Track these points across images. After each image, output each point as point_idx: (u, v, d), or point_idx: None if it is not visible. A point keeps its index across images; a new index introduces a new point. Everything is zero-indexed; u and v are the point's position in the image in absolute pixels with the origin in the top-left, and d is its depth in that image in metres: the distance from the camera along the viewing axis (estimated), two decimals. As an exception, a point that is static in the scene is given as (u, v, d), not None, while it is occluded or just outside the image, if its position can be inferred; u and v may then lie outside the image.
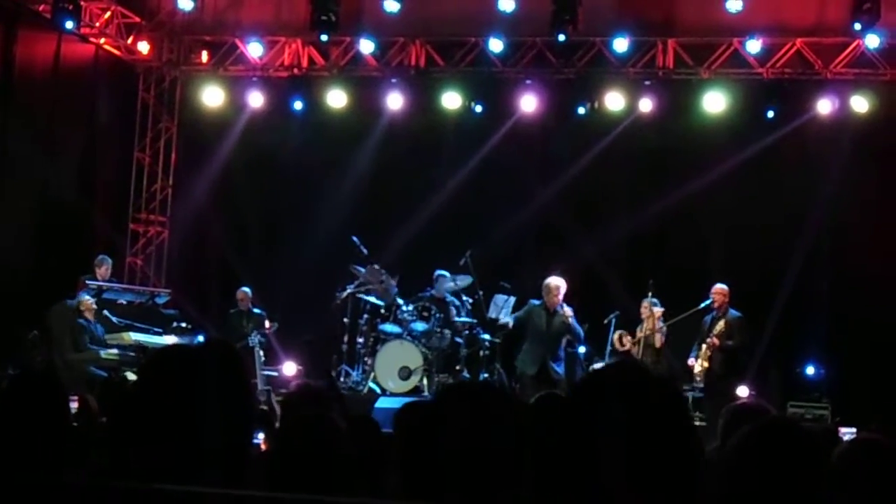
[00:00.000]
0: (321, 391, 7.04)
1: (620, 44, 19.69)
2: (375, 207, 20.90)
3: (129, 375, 16.92)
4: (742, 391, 16.77)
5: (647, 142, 20.03)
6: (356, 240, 19.07)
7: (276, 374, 18.81)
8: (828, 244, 19.10)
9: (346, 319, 18.97)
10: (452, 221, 20.24)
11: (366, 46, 20.73)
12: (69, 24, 18.96)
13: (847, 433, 14.90)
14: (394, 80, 21.00)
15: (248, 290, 19.51)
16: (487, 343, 18.39)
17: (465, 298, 18.77)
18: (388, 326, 18.52)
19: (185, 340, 17.73)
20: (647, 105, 19.94)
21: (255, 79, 21.52)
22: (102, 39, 21.01)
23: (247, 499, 2.95)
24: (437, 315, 18.42)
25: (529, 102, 20.44)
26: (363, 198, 21.02)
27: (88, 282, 18.34)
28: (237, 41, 21.46)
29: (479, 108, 20.71)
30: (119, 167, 21.96)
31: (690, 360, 17.01)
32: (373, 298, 18.92)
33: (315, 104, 21.16)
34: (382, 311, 18.80)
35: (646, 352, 17.27)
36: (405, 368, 17.87)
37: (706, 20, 19.54)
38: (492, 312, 18.62)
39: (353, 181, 21.10)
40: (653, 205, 19.62)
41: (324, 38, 19.80)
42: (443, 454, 3.05)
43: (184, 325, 18.84)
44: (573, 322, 16.98)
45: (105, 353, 17.50)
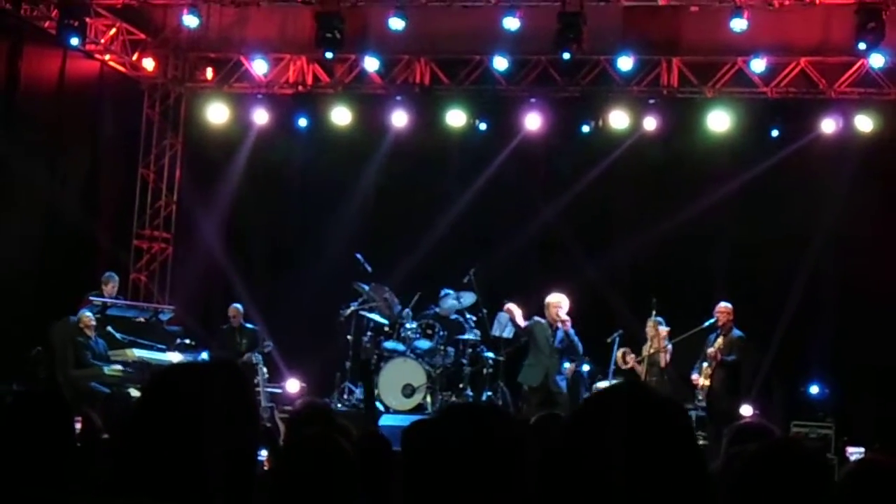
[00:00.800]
0: (326, 409, 7.03)
1: (625, 62, 19.69)
2: (379, 225, 20.92)
3: (133, 392, 16.92)
4: (746, 410, 16.75)
5: (652, 160, 20.02)
6: (360, 257, 19.09)
7: (280, 391, 18.80)
8: (832, 263, 19.06)
9: (350, 337, 18.95)
10: (457, 239, 20.25)
11: (370, 64, 20.76)
12: (74, 41, 18.98)
13: (854, 453, 14.92)
14: (398, 98, 21.02)
15: (240, 307, 19.50)
16: (491, 361, 18.37)
17: (469, 316, 18.76)
18: (392, 344, 18.51)
19: (189, 357, 17.72)
20: (652, 123, 19.94)
21: (260, 96, 21.54)
22: (107, 56, 21.04)
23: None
24: (441, 333, 18.41)
25: (534, 120, 20.45)
26: (367, 215, 21.05)
27: (93, 298, 18.34)
28: (242, 58, 21.50)
29: (484, 126, 20.72)
30: (123, 184, 21.97)
31: (694, 376, 17.00)
32: (376, 316, 18.91)
33: (320, 121, 21.18)
34: (386, 329, 18.80)
35: (650, 370, 17.23)
36: (409, 386, 17.86)
37: (710, 39, 19.55)
38: (495, 330, 18.60)
39: (358, 198, 21.12)
40: (657, 223, 19.61)
41: (329, 56, 19.80)
42: (446, 474, 3.05)
43: (187, 342, 18.85)
44: (572, 333, 17.00)
45: (108, 370, 17.48)
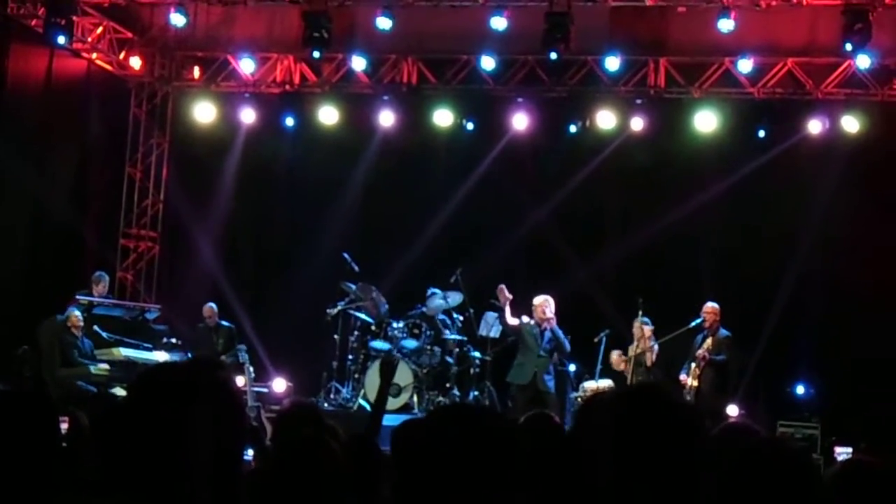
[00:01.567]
0: (314, 409, 7.01)
1: (612, 62, 19.71)
2: (367, 224, 20.92)
3: (118, 391, 16.90)
4: (732, 410, 16.77)
5: (639, 160, 20.03)
6: (347, 256, 19.09)
7: (266, 391, 18.79)
8: (818, 263, 19.09)
9: (337, 336, 18.95)
10: (444, 239, 20.26)
11: (358, 63, 20.75)
12: (61, 40, 18.94)
13: (842, 453, 14.95)
14: (386, 97, 21.00)
15: (214, 306, 19.52)
16: (478, 361, 18.38)
17: (456, 316, 18.77)
18: (379, 343, 18.50)
19: (175, 356, 17.70)
20: (639, 124, 19.96)
21: (247, 95, 21.50)
22: (94, 55, 21.00)
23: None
24: (428, 332, 18.43)
25: (521, 120, 20.46)
26: (354, 214, 21.04)
27: (80, 297, 18.31)
28: (229, 57, 21.47)
29: (471, 126, 20.73)
30: (110, 182, 21.92)
31: (682, 376, 17.02)
32: (363, 315, 18.91)
33: (307, 120, 21.17)
34: (373, 328, 18.80)
35: (637, 370, 17.27)
36: (395, 385, 17.82)
37: (698, 39, 19.57)
38: (482, 330, 18.63)
39: (345, 198, 21.10)
40: (644, 223, 19.64)
41: (316, 55, 19.78)
42: (436, 474, 3.05)
43: (173, 341, 18.82)
44: (558, 332, 17.03)
45: (95, 369, 17.45)
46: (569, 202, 20.17)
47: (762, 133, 19.50)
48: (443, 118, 20.68)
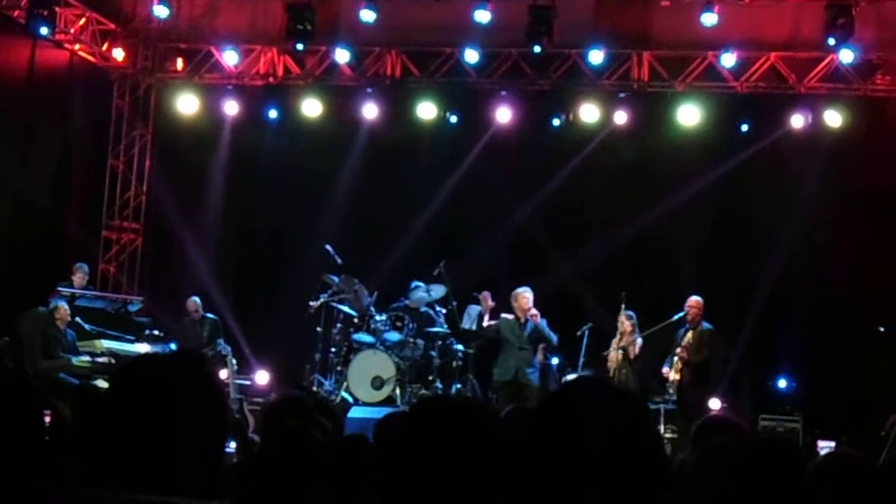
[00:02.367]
0: (302, 402, 6.99)
1: (596, 56, 19.73)
2: (350, 216, 20.89)
3: (101, 383, 16.85)
4: (714, 404, 16.80)
5: (622, 154, 20.06)
6: (330, 249, 19.06)
7: (249, 383, 18.77)
8: (801, 257, 19.14)
9: (320, 329, 18.93)
10: (427, 231, 20.27)
11: (341, 56, 20.72)
12: (44, 31, 18.90)
13: (824, 447, 15.00)
14: (369, 90, 21.00)
15: (197, 300, 19.52)
16: (460, 353, 18.37)
17: (439, 309, 18.75)
18: (362, 336, 18.48)
19: (158, 348, 17.67)
20: (622, 117, 19.99)
21: (231, 87, 21.48)
22: (77, 46, 20.95)
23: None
24: (411, 325, 18.41)
25: (504, 114, 20.47)
26: (337, 207, 21.01)
27: (61, 289, 18.26)
28: (212, 49, 21.43)
29: (455, 119, 20.76)
30: (93, 174, 21.88)
31: (665, 370, 17.03)
32: (346, 308, 18.89)
33: (290, 113, 21.15)
34: (356, 321, 18.78)
35: (622, 363, 17.29)
36: (378, 378, 17.84)
37: (681, 33, 19.60)
38: (465, 323, 18.64)
39: (328, 190, 21.08)
40: (627, 216, 19.67)
41: (299, 47, 19.78)
42: (420, 466, 3.05)
43: (156, 333, 18.78)
44: (543, 325, 17.01)
45: (77, 361, 17.39)
46: (552, 195, 20.19)
47: (745, 127, 19.55)
48: (426, 111, 20.68)
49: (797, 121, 19.49)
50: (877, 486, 4.26)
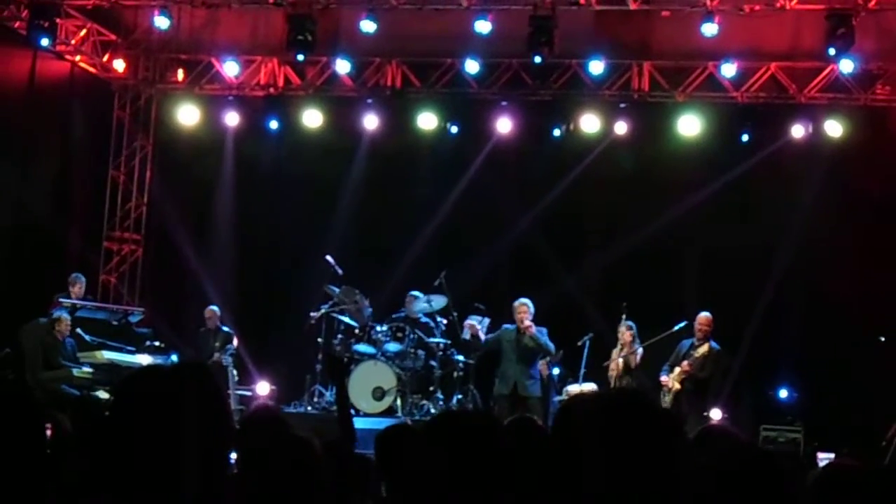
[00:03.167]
0: (280, 413, 6.99)
1: (596, 66, 19.74)
2: (350, 227, 20.89)
3: (101, 394, 16.85)
4: (715, 414, 16.78)
5: (622, 164, 20.06)
6: (330, 259, 19.06)
7: (250, 394, 18.76)
8: (802, 267, 19.11)
9: (320, 339, 18.91)
10: (428, 242, 20.26)
11: (342, 66, 20.73)
12: (45, 42, 18.91)
13: (824, 458, 14.97)
14: (370, 101, 21.01)
15: (216, 309, 19.42)
16: (461, 364, 18.35)
17: (440, 319, 18.73)
18: (362, 347, 18.48)
19: (159, 359, 17.67)
20: (623, 128, 19.99)
21: (231, 98, 21.48)
22: (78, 57, 20.96)
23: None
24: (412, 336, 18.39)
25: (505, 124, 20.48)
26: (338, 217, 21.00)
27: (61, 300, 18.26)
28: (213, 60, 21.45)
29: (455, 129, 20.76)
30: (94, 185, 21.88)
31: (663, 378, 16.97)
32: (347, 318, 18.89)
33: (291, 123, 21.16)
34: (356, 332, 18.77)
35: (622, 373, 17.27)
36: (379, 389, 17.84)
37: (681, 43, 19.60)
38: (466, 334, 18.59)
39: (329, 201, 21.08)
40: (627, 227, 19.68)
41: (300, 58, 19.78)
42: (423, 478, 3.05)
43: (157, 344, 18.76)
44: (538, 335, 16.95)
45: (78, 372, 17.39)
46: (553, 206, 20.19)
47: (746, 137, 19.55)
48: (427, 122, 20.68)
49: (797, 131, 19.50)
50: (877, 497, 4.26)
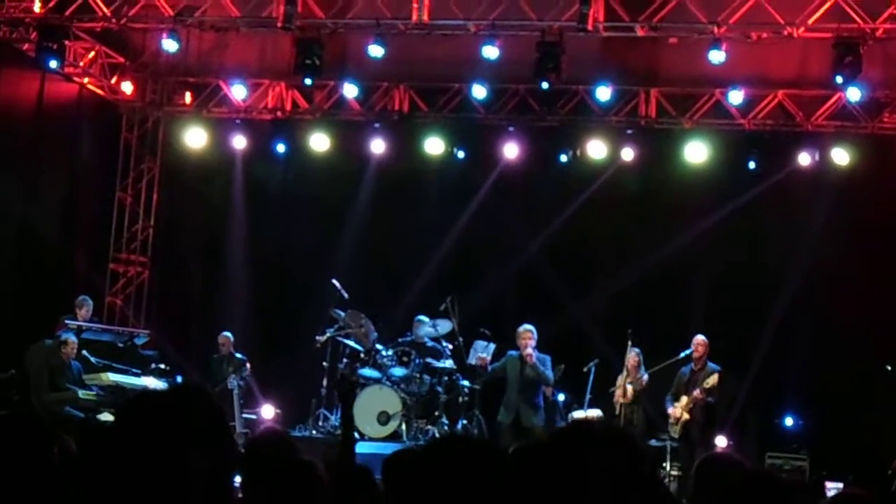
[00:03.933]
0: (287, 437, 6.96)
1: (603, 92, 19.74)
2: (357, 251, 20.89)
3: (106, 416, 16.83)
4: (720, 441, 16.75)
5: (629, 190, 20.09)
6: (336, 283, 19.06)
7: (255, 418, 18.73)
8: (808, 295, 19.09)
9: (326, 363, 18.90)
10: (434, 266, 20.26)
11: (349, 90, 20.77)
12: (53, 64, 18.94)
13: (833, 488, 14.91)
14: (377, 125, 21.04)
15: (230, 335, 19.40)
16: (467, 389, 18.32)
17: (445, 344, 18.70)
18: (368, 371, 18.45)
19: (164, 382, 17.65)
20: (629, 154, 20.00)
21: (239, 121, 21.51)
22: (86, 79, 21.01)
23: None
24: (417, 360, 18.37)
25: (512, 149, 20.50)
26: (344, 241, 21.01)
27: (67, 321, 18.25)
28: (221, 83, 21.49)
29: (462, 154, 20.78)
30: (100, 206, 21.89)
31: (670, 409, 16.96)
32: (352, 342, 18.87)
33: (298, 147, 21.19)
34: (362, 356, 18.74)
35: (628, 400, 17.26)
36: (384, 413, 17.81)
37: (689, 70, 19.61)
38: (471, 359, 18.55)
39: (335, 224, 21.09)
40: (634, 253, 19.69)
41: (308, 82, 19.80)
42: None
43: (162, 367, 18.75)
44: (538, 364, 16.97)
45: (83, 394, 17.37)
46: (560, 231, 20.19)
47: (752, 164, 19.55)
48: (434, 146, 20.71)
49: (804, 158, 19.49)
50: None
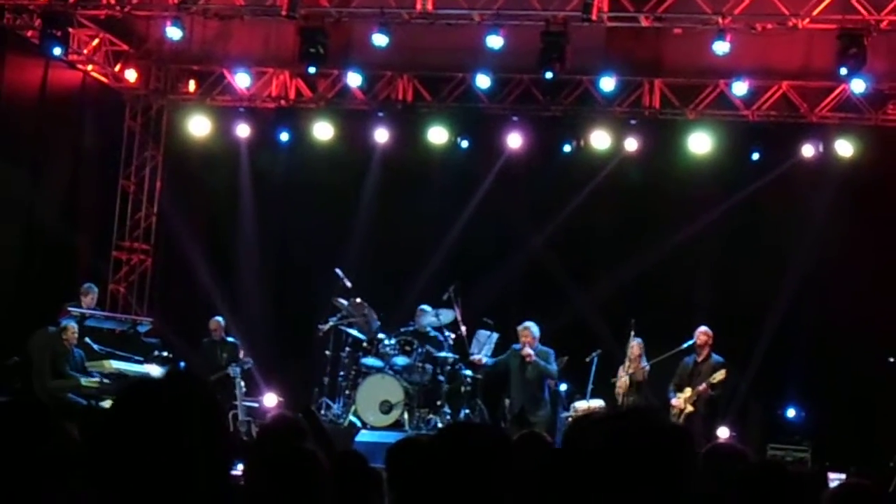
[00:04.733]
0: (298, 423, 6.96)
1: (607, 83, 19.72)
2: (360, 240, 20.88)
3: (108, 404, 16.85)
4: (723, 432, 16.76)
5: (633, 181, 20.07)
6: (339, 272, 19.06)
7: (257, 405, 18.75)
8: (811, 287, 19.09)
9: (328, 352, 18.91)
10: (438, 255, 20.25)
11: (353, 80, 20.74)
12: (57, 51, 18.93)
13: (836, 479, 14.93)
14: (380, 114, 21.02)
15: (221, 320, 19.43)
16: (469, 379, 18.34)
17: (448, 333, 18.71)
18: (370, 360, 18.46)
19: (167, 369, 17.67)
20: (633, 144, 19.97)
21: (242, 109, 21.49)
22: (90, 66, 21.00)
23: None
24: (420, 349, 18.37)
25: (515, 139, 20.48)
26: (348, 230, 20.99)
27: (71, 308, 18.27)
28: (224, 71, 21.47)
29: (465, 144, 20.76)
30: (104, 194, 21.88)
31: (674, 401, 16.97)
32: (355, 331, 18.87)
33: (301, 136, 21.17)
34: (364, 345, 18.75)
35: (630, 390, 17.26)
36: (386, 402, 17.82)
37: (693, 61, 19.59)
38: (474, 348, 18.57)
39: (339, 213, 21.09)
40: (637, 243, 19.67)
41: (312, 71, 19.78)
42: (433, 492, 3.04)
43: (165, 354, 18.78)
44: (539, 361, 17.01)
45: (85, 381, 17.41)
46: (563, 221, 20.18)
47: (756, 156, 19.53)
48: (437, 136, 20.69)
49: (808, 150, 19.47)
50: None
